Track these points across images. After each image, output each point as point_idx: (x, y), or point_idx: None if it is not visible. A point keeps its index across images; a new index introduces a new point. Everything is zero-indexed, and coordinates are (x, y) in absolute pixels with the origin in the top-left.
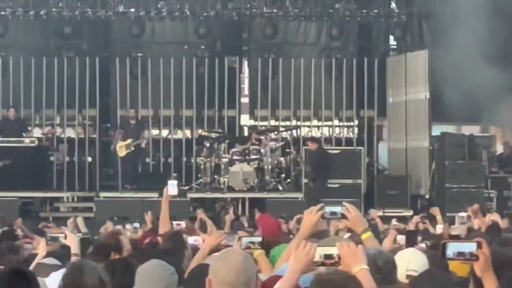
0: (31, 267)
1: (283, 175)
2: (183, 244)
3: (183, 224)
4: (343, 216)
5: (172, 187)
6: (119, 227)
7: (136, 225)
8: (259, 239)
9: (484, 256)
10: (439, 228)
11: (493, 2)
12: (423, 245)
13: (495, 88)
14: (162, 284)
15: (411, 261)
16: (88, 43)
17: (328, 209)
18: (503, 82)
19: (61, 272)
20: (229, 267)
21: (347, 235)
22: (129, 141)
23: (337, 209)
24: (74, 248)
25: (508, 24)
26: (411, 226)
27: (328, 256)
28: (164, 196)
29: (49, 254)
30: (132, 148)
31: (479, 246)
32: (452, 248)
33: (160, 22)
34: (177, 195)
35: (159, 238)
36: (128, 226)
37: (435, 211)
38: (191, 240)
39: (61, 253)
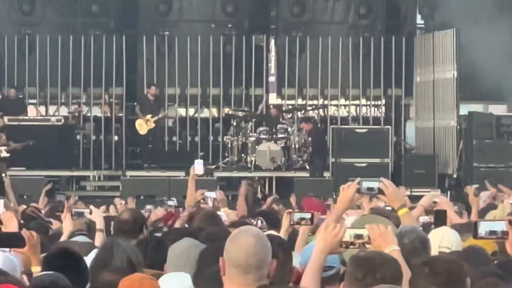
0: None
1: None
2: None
3: (214, 195)
4: (380, 192)
5: (198, 166)
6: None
7: (171, 203)
8: (309, 215)
9: None
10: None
11: None
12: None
13: None
14: None
15: (444, 238)
16: (115, 21)
17: (365, 184)
18: None
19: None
20: (240, 249)
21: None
22: (148, 117)
23: (374, 184)
24: (100, 223)
25: None
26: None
27: (358, 236)
28: (191, 175)
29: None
30: (153, 125)
31: (511, 224)
32: (484, 227)
33: (187, 0)
34: (204, 174)
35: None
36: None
37: (468, 189)
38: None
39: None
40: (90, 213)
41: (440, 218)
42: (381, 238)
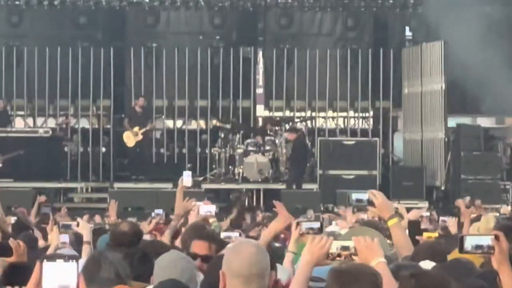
0: None
1: None
2: None
3: (213, 210)
4: (370, 203)
5: (187, 178)
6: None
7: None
8: (318, 224)
9: (501, 248)
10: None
11: None
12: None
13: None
14: (185, 276)
15: None
16: (102, 33)
17: (354, 196)
18: None
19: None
20: (242, 259)
21: None
22: (136, 129)
23: (363, 196)
24: (86, 236)
25: None
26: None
27: (345, 248)
28: (179, 187)
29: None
30: (141, 137)
31: (497, 239)
32: (470, 242)
33: (175, 12)
34: (192, 186)
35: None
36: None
37: (460, 203)
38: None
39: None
40: (77, 225)
41: (413, 228)
42: (367, 250)
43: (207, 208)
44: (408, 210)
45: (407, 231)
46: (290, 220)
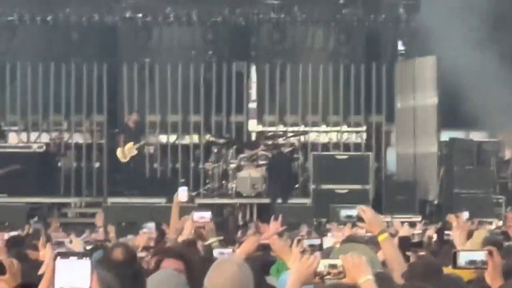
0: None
1: None
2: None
3: (207, 218)
4: (359, 219)
5: (182, 193)
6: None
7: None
8: (318, 241)
9: (494, 264)
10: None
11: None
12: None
13: (504, 94)
14: None
15: None
16: (95, 49)
17: (344, 212)
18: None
19: None
20: (225, 277)
21: None
22: (130, 145)
23: (353, 212)
24: None
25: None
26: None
27: (332, 266)
28: (175, 202)
29: None
30: (135, 152)
31: (490, 254)
32: (464, 257)
33: (167, 27)
34: (188, 201)
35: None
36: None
37: (451, 218)
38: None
39: None
40: (70, 242)
41: (403, 245)
42: (354, 268)
43: (201, 214)
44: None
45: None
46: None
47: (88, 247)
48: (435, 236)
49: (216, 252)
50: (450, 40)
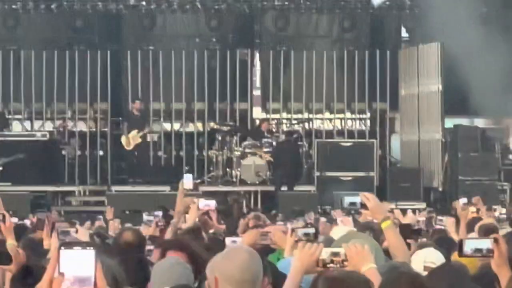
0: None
1: None
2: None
3: (211, 205)
4: (363, 206)
5: (187, 180)
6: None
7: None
8: (313, 230)
9: (500, 252)
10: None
11: None
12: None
13: (508, 79)
14: (183, 282)
15: (428, 255)
16: (99, 36)
17: (347, 199)
18: None
19: None
20: (235, 265)
21: None
22: (134, 133)
23: (356, 199)
24: None
25: None
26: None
27: (335, 254)
28: (180, 190)
29: None
30: (140, 140)
31: (496, 242)
32: (469, 245)
33: (171, 15)
34: (193, 189)
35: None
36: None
37: (457, 204)
38: None
39: None
40: (76, 232)
41: (404, 232)
42: (357, 256)
43: (206, 202)
44: (405, 210)
45: None
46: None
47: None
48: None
49: (228, 241)
50: (454, 26)
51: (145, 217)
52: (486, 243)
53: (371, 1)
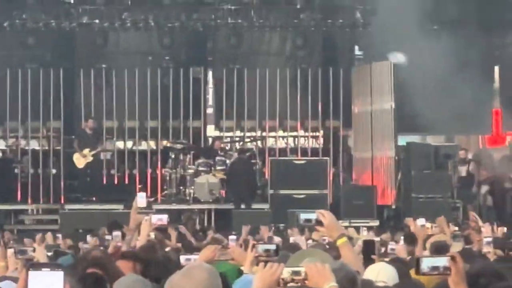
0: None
1: None
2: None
3: (164, 220)
4: (318, 223)
5: (141, 199)
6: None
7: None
8: (274, 246)
9: (457, 269)
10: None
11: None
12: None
13: (460, 97)
14: None
15: (380, 273)
16: (52, 54)
17: (303, 216)
18: (468, 92)
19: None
20: (195, 283)
21: None
22: (86, 151)
23: (311, 216)
24: (43, 260)
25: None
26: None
27: (296, 273)
28: (133, 208)
29: None
30: (91, 158)
31: (453, 259)
32: (426, 263)
33: (124, 32)
34: (146, 207)
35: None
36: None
37: (409, 222)
38: None
39: None
40: (34, 251)
41: (368, 248)
42: (318, 275)
43: (159, 217)
44: (358, 228)
45: (360, 252)
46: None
47: (49, 253)
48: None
49: (182, 259)
50: (407, 44)
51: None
52: (443, 261)
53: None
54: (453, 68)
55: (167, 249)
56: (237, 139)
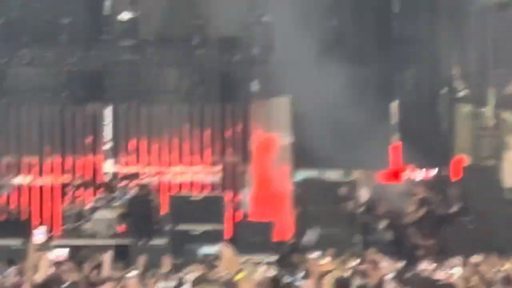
0: None
1: None
2: None
3: (63, 255)
4: (217, 258)
5: (39, 235)
6: None
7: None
8: (173, 284)
9: None
10: None
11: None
12: None
13: (358, 132)
14: None
15: None
16: None
17: (202, 251)
18: (366, 127)
19: None
20: None
21: None
22: None
23: (210, 250)
24: None
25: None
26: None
27: None
28: (32, 243)
29: None
30: None
31: None
32: None
33: (22, 69)
34: (45, 242)
35: None
36: None
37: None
38: None
39: None
40: None
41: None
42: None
43: (58, 253)
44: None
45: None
46: None
47: None
48: None
49: None
50: (305, 80)
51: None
52: None
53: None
54: (351, 102)
55: (65, 284)
56: (135, 174)
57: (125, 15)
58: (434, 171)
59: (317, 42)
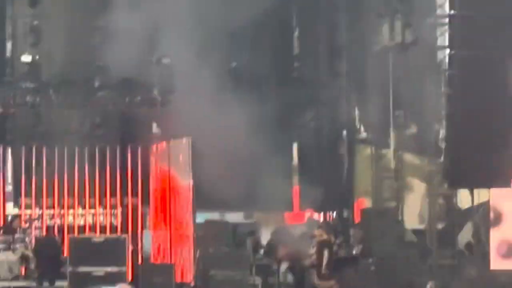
0: None
1: None
2: None
3: None
4: None
5: None
6: None
7: None
8: None
9: None
10: None
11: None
12: None
13: (261, 174)
14: None
15: None
16: None
17: None
18: (268, 168)
19: None
20: None
21: None
22: None
23: None
24: None
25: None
26: None
27: None
28: None
29: None
30: None
31: None
32: None
33: None
34: None
35: None
36: None
37: None
38: None
39: None
40: None
41: None
42: None
43: None
44: None
45: None
46: None
47: None
48: None
49: None
50: (205, 121)
51: None
52: None
53: None
54: (253, 144)
55: None
56: (36, 216)
57: (26, 58)
58: (333, 214)
59: (218, 83)
